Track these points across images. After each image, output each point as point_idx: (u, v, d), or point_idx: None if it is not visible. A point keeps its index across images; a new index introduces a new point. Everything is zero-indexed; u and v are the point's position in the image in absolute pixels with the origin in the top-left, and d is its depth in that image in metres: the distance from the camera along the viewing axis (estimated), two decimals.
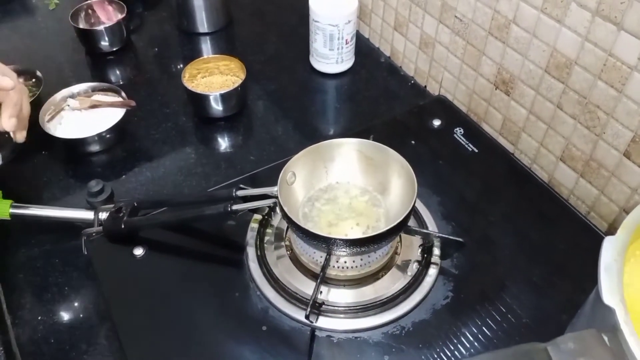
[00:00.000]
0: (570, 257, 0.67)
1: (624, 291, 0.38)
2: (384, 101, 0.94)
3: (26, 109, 0.73)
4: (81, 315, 0.66)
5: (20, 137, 0.74)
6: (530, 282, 0.64)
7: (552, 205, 0.74)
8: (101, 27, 1.00)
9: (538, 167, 0.79)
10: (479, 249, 0.67)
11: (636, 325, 0.36)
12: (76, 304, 0.68)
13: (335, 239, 0.56)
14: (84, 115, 0.87)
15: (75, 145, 0.84)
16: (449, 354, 0.58)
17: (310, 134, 0.88)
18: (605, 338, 0.38)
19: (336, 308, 0.60)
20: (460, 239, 0.62)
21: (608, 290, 0.38)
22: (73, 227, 0.72)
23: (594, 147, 0.70)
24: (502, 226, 0.70)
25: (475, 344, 0.59)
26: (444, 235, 0.63)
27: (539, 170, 0.79)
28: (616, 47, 0.62)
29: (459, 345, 0.58)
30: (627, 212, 0.69)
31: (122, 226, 0.65)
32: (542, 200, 0.74)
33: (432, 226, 0.68)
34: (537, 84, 0.74)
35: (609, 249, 0.40)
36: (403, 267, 0.64)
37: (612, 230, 0.71)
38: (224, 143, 0.89)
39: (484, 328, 0.60)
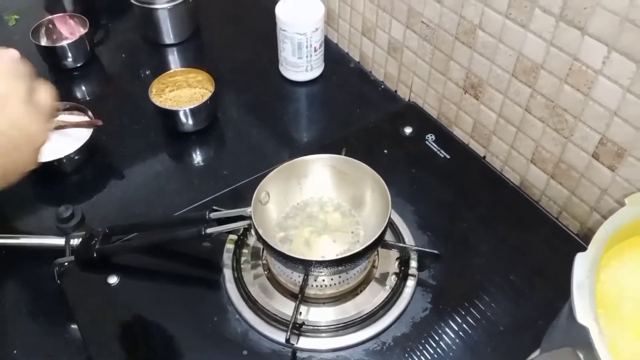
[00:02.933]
0: (544, 259, 0.68)
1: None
2: (356, 107, 0.94)
3: None
4: (57, 346, 0.64)
5: None
6: (506, 287, 0.65)
7: (524, 207, 0.75)
8: (64, 43, 0.98)
9: (510, 170, 0.80)
10: (455, 258, 0.67)
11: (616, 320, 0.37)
12: (51, 335, 0.66)
13: (312, 261, 0.55)
14: (50, 138, 0.85)
15: (42, 169, 0.82)
16: None
17: (283, 145, 0.87)
18: (581, 356, 0.38)
19: (317, 327, 0.60)
20: (436, 252, 0.62)
21: (581, 309, 0.38)
22: (45, 254, 0.70)
23: (563, 149, 0.70)
24: (477, 232, 0.71)
25: (455, 355, 0.59)
26: (420, 249, 0.63)
27: (510, 173, 0.80)
28: (581, 52, 0.63)
29: (439, 358, 0.59)
30: (598, 212, 0.70)
31: (94, 254, 0.64)
32: (515, 202, 0.75)
33: (408, 237, 0.68)
34: (505, 88, 0.74)
35: (581, 265, 0.40)
36: (382, 280, 0.64)
37: (584, 229, 0.73)
38: (196, 158, 0.88)
39: (463, 338, 0.60)
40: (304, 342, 0.59)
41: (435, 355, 0.59)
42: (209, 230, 0.60)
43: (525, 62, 0.70)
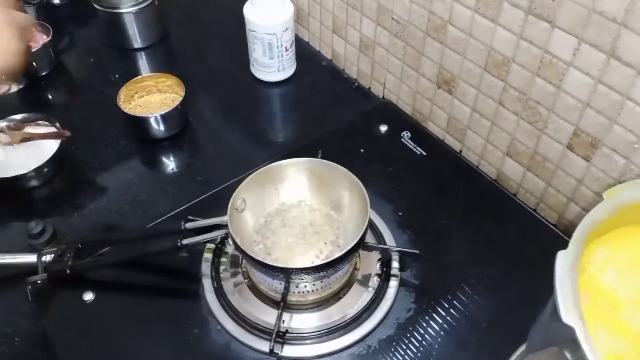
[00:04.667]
0: (523, 251, 0.68)
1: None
2: (330, 106, 0.93)
3: None
4: None
5: None
6: (487, 281, 0.65)
7: (502, 200, 0.75)
8: None
9: (486, 163, 0.80)
10: (435, 254, 0.67)
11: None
12: (29, 355, 0.64)
13: (293, 269, 0.54)
14: (16, 150, 0.82)
15: (10, 183, 0.79)
16: None
17: (259, 148, 0.86)
18: (568, 356, 0.38)
19: (301, 334, 0.59)
20: (416, 251, 0.62)
21: (565, 309, 0.38)
22: (16, 272, 0.68)
23: (537, 141, 0.71)
24: (456, 227, 0.71)
25: (441, 352, 0.59)
26: (400, 249, 0.63)
27: (486, 167, 0.80)
28: (551, 44, 0.63)
29: (425, 358, 0.59)
30: (575, 202, 0.70)
31: (68, 271, 0.62)
32: (492, 196, 0.75)
33: (388, 237, 0.68)
34: (477, 82, 0.74)
35: (562, 263, 0.40)
36: (364, 282, 0.64)
37: (562, 220, 0.73)
38: (168, 165, 0.86)
39: (448, 334, 0.60)
40: (288, 350, 0.58)
41: (422, 355, 0.59)
42: (185, 242, 0.59)
43: (497, 56, 0.69)
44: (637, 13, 0.53)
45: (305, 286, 0.61)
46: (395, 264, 0.64)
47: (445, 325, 0.61)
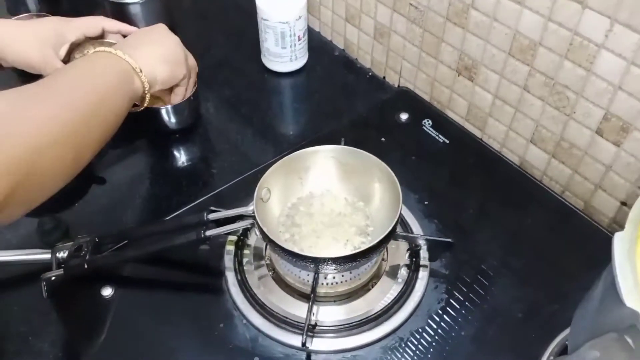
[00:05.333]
0: (551, 240, 0.67)
1: None
2: (345, 97, 0.91)
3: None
4: None
5: None
6: (517, 272, 0.63)
7: (526, 188, 0.74)
8: None
9: (508, 151, 0.79)
10: (464, 245, 0.65)
11: None
12: (44, 354, 0.62)
13: (324, 258, 0.52)
14: None
15: None
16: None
17: (273, 139, 0.84)
18: (630, 341, 0.36)
19: (330, 327, 0.57)
20: (448, 239, 0.60)
21: (627, 292, 0.36)
22: (29, 270, 0.66)
23: (564, 127, 0.69)
24: (482, 216, 0.69)
25: (476, 345, 0.57)
26: (431, 238, 0.61)
27: (509, 154, 0.78)
28: (581, 26, 0.61)
29: (459, 349, 0.57)
30: (602, 189, 0.69)
31: (86, 266, 0.60)
32: (516, 184, 0.74)
33: (415, 227, 0.66)
34: (501, 68, 0.72)
35: (620, 246, 0.38)
36: (392, 274, 0.62)
37: (589, 208, 0.71)
38: (181, 158, 0.84)
39: (481, 328, 0.59)
40: (318, 344, 0.56)
41: (456, 346, 0.57)
42: (208, 233, 0.57)
43: (522, 40, 0.68)
44: None
45: (334, 277, 0.58)
46: (424, 254, 0.62)
47: (479, 316, 0.59)
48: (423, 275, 0.61)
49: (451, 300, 0.60)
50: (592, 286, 0.46)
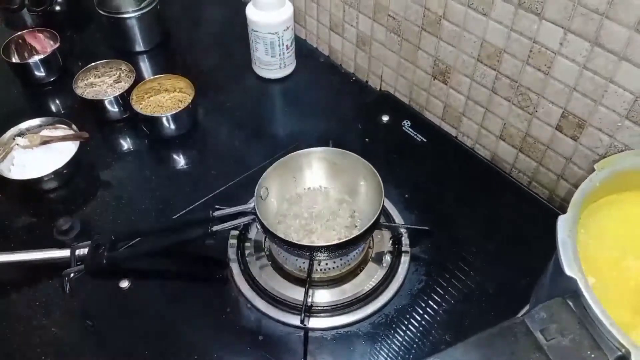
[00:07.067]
0: (520, 225, 0.75)
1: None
2: (331, 99, 0.98)
3: None
4: (74, 357, 0.66)
5: None
6: (490, 254, 0.71)
7: (497, 179, 0.82)
8: (36, 59, 0.99)
9: (480, 147, 0.86)
10: (441, 232, 0.73)
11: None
12: (66, 346, 0.68)
13: (318, 246, 0.60)
14: (36, 153, 0.86)
15: (33, 185, 0.83)
16: (433, 332, 0.64)
17: (267, 142, 0.90)
18: (570, 303, 0.44)
19: (324, 307, 0.65)
20: (426, 227, 0.68)
21: (567, 263, 0.44)
22: (47, 267, 0.72)
23: (529, 124, 0.77)
24: (457, 206, 0.77)
25: (452, 317, 0.65)
26: (410, 226, 0.69)
27: (481, 150, 0.86)
28: (539, 35, 0.69)
29: (438, 322, 0.65)
30: (564, 179, 0.77)
31: (105, 261, 0.67)
32: (488, 176, 0.82)
33: (397, 218, 0.73)
34: (471, 72, 0.80)
35: (563, 226, 0.46)
36: (378, 259, 0.69)
37: (553, 196, 0.80)
38: (182, 162, 0.90)
39: (458, 304, 0.67)
40: (315, 322, 0.64)
41: (435, 321, 0.65)
42: (215, 228, 0.64)
43: (489, 47, 0.75)
44: (618, 4, 0.59)
45: (327, 264, 0.66)
46: (405, 241, 0.70)
47: (454, 293, 0.67)
48: (405, 260, 0.69)
49: (430, 282, 0.68)
50: (549, 262, 0.54)
